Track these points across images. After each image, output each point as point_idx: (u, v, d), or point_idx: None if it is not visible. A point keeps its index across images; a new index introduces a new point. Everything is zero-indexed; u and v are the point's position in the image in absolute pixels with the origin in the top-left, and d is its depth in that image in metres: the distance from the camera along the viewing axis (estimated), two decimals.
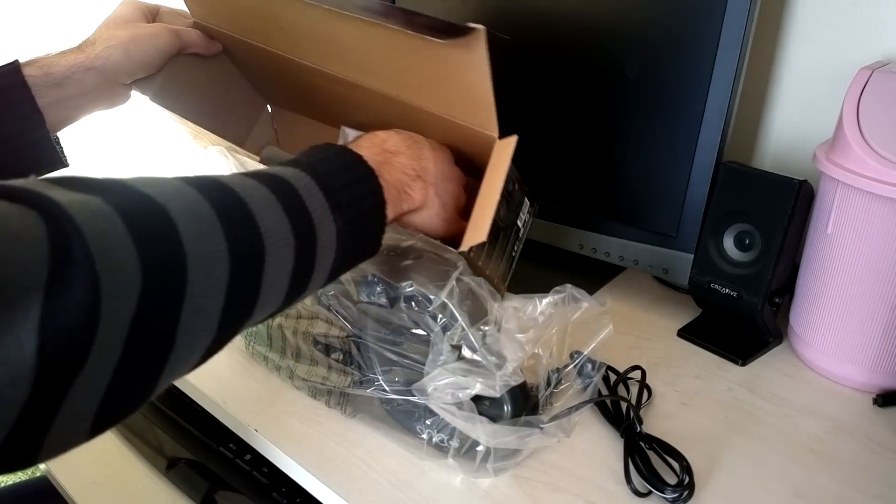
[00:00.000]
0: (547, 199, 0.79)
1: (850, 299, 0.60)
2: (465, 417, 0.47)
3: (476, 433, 0.47)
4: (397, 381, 0.53)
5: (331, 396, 0.59)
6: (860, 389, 0.62)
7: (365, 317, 0.54)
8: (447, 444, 0.52)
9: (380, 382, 0.53)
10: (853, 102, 0.58)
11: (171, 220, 0.32)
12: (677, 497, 0.49)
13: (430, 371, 0.48)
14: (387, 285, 0.52)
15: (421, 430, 0.53)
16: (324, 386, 0.58)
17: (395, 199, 0.49)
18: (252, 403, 0.59)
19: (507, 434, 0.48)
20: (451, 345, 0.48)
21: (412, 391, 0.51)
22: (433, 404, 0.48)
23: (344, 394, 0.57)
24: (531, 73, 0.77)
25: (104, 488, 0.71)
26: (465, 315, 0.48)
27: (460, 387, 0.47)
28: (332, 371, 0.57)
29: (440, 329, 0.49)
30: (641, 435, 0.54)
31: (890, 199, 0.55)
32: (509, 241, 0.60)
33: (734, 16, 0.62)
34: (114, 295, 0.28)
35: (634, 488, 0.50)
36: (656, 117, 0.69)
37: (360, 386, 0.55)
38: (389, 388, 0.53)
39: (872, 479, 0.52)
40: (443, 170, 0.54)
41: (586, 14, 0.72)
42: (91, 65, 0.58)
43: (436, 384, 0.47)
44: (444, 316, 0.49)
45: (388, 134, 0.52)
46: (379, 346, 0.53)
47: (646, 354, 0.66)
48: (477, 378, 0.47)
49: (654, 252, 0.71)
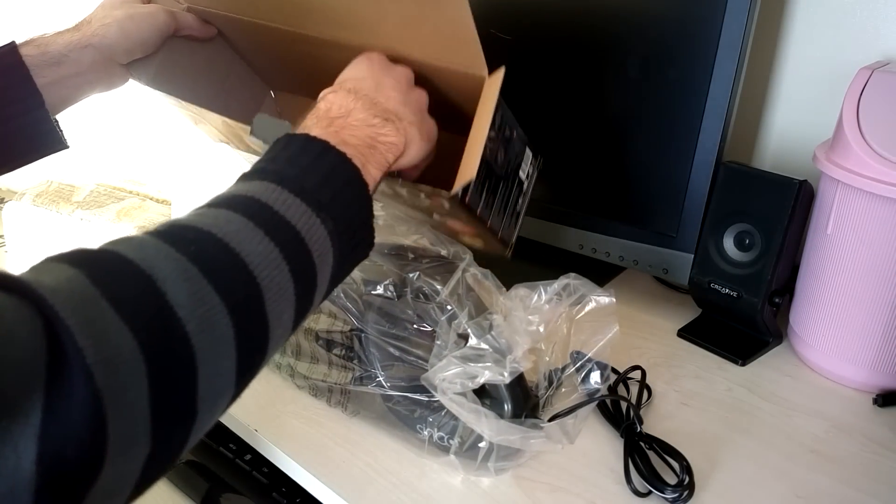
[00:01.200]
0: (547, 199, 0.79)
1: (850, 299, 0.60)
2: (471, 409, 0.47)
3: (481, 427, 0.47)
4: (399, 378, 0.53)
5: (332, 395, 0.59)
6: (860, 389, 0.62)
7: (369, 310, 0.53)
8: (448, 443, 0.52)
9: (380, 379, 0.53)
10: (853, 102, 0.58)
11: (159, 289, 0.29)
12: (677, 497, 0.49)
13: (436, 362, 0.48)
14: (393, 276, 0.51)
15: (421, 428, 0.53)
16: (325, 383, 0.58)
17: (375, 156, 0.45)
18: (252, 403, 0.59)
19: (512, 432, 0.47)
20: (457, 334, 0.48)
21: (415, 387, 0.51)
22: (441, 396, 0.47)
23: (345, 391, 0.57)
24: (531, 73, 0.77)
25: None
26: (472, 304, 0.48)
27: (469, 375, 0.47)
28: (334, 367, 0.57)
29: (446, 319, 0.49)
30: (641, 435, 0.54)
31: (890, 199, 0.55)
32: (511, 193, 0.57)
33: (734, 16, 0.62)
34: (118, 387, 0.26)
35: (634, 488, 0.50)
36: (656, 117, 0.69)
37: (362, 382, 0.55)
38: (391, 385, 0.53)
39: (872, 478, 0.52)
40: (400, 90, 0.49)
41: (586, 14, 0.72)
42: (88, 42, 0.57)
43: (444, 374, 0.47)
44: (451, 306, 0.48)
45: (326, 100, 0.47)
46: (382, 341, 0.53)
47: (646, 354, 0.66)
48: (485, 365, 0.46)
49: (654, 252, 0.71)
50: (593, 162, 0.74)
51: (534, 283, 0.50)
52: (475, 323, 0.48)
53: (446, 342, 0.49)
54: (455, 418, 0.49)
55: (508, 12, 0.77)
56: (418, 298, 0.50)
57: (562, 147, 0.77)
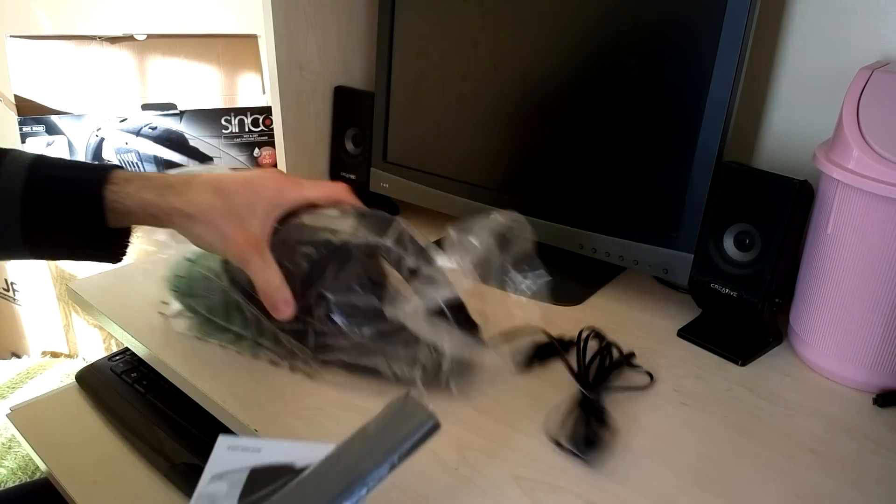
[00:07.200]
0: (547, 199, 0.79)
1: (849, 299, 0.60)
2: (434, 328, 0.57)
3: (444, 342, 0.57)
4: (357, 324, 0.60)
5: (295, 360, 0.62)
6: (860, 389, 0.62)
7: (320, 265, 0.60)
8: (411, 375, 0.58)
9: (340, 326, 0.60)
10: (853, 102, 0.58)
11: None
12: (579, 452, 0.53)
13: (394, 299, 0.58)
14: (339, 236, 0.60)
15: (385, 369, 0.59)
16: (286, 349, 0.62)
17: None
18: (252, 403, 0.59)
19: (463, 343, 0.58)
20: (408, 269, 0.58)
21: (377, 329, 0.59)
22: (407, 321, 0.57)
23: (307, 351, 0.62)
24: (531, 73, 0.77)
25: (104, 488, 0.71)
26: (413, 247, 0.58)
27: (427, 297, 0.57)
28: (293, 330, 0.61)
29: (395, 261, 0.58)
30: (588, 398, 0.57)
31: (890, 199, 0.55)
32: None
33: (734, 16, 0.62)
34: None
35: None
36: (656, 117, 0.69)
37: (324, 337, 0.61)
38: (352, 332, 0.60)
39: (872, 478, 0.52)
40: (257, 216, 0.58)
41: (586, 14, 0.72)
42: (166, 220, 0.56)
43: (406, 303, 0.57)
44: (397, 249, 0.58)
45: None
46: (337, 297, 0.59)
47: (646, 354, 0.66)
48: (437, 288, 0.57)
49: (654, 252, 0.71)
50: (593, 162, 0.74)
51: (467, 222, 0.59)
52: (422, 258, 0.58)
53: (402, 279, 0.59)
54: (414, 348, 0.58)
55: (508, 11, 0.77)
56: (368, 250, 0.59)
57: (562, 147, 0.77)
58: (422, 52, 0.87)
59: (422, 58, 0.87)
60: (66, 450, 0.77)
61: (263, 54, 1.12)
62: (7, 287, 1.67)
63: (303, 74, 0.97)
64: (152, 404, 0.77)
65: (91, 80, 1.07)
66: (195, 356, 0.64)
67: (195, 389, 0.62)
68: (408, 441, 0.36)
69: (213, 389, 0.61)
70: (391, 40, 0.89)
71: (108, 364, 0.85)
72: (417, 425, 0.37)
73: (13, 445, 1.29)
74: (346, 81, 1.02)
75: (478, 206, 0.84)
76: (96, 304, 0.72)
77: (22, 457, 1.27)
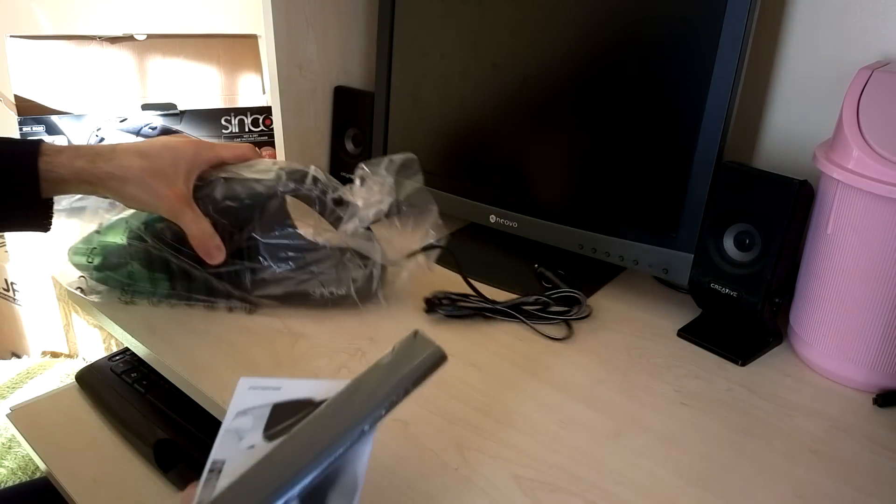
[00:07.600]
0: (547, 199, 0.79)
1: (849, 299, 0.60)
2: (368, 240, 0.68)
3: (376, 254, 0.68)
4: (288, 261, 0.68)
5: (231, 301, 0.69)
6: (860, 389, 0.62)
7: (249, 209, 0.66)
8: (341, 292, 0.68)
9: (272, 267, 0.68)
10: (853, 102, 0.58)
11: None
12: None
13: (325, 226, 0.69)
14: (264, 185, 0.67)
15: (315, 291, 0.68)
16: (223, 290, 0.68)
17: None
18: None
19: (384, 254, 0.69)
20: (332, 200, 0.67)
21: (307, 258, 0.68)
22: (350, 240, 0.68)
23: (243, 289, 0.68)
24: (531, 73, 0.77)
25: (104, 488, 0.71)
26: (331, 183, 0.68)
27: (360, 219, 0.67)
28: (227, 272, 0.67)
29: (318, 195, 0.67)
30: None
31: (890, 199, 0.55)
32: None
33: (734, 16, 0.62)
34: None
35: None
36: (656, 117, 0.69)
37: (258, 273, 0.68)
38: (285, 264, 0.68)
39: (872, 478, 0.52)
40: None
41: (586, 14, 0.72)
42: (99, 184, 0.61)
43: (344, 227, 0.67)
44: (316, 188, 0.67)
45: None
46: (267, 235, 0.67)
47: (646, 354, 0.66)
48: (362, 212, 0.67)
49: (654, 252, 0.71)
50: (593, 161, 0.74)
51: (375, 160, 0.68)
52: (346, 189, 0.68)
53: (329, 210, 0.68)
54: (345, 268, 0.68)
55: (508, 11, 0.77)
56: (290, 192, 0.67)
57: (562, 147, 0.77)
58: (422, 52, 0.87)
59: (422, 58, 0.87)
60: (65, 449, 0.77)
61: (263, 54, 1.13)
62: (7, 287, 1.67)
63: (303, 74, 0.97)
64: (152, 404, 0.77)
65: (91, 80, 1.07)
66: (195, 356, 0.64)
67: (195, 389, 0.62)
68: (418, 370, 0.39)
69: (212, 389, 0.61)
70: (391, 40, 0.89)
71: (108, 364, 0.85)
72: (426, 357, 0.40)
73: (13, 445, 1.29)
74: (346, 81, 1.02)
75: (478, 206, 0.84)
76: (96, 304, 0.72)
77: (22, 457, 1.27)
